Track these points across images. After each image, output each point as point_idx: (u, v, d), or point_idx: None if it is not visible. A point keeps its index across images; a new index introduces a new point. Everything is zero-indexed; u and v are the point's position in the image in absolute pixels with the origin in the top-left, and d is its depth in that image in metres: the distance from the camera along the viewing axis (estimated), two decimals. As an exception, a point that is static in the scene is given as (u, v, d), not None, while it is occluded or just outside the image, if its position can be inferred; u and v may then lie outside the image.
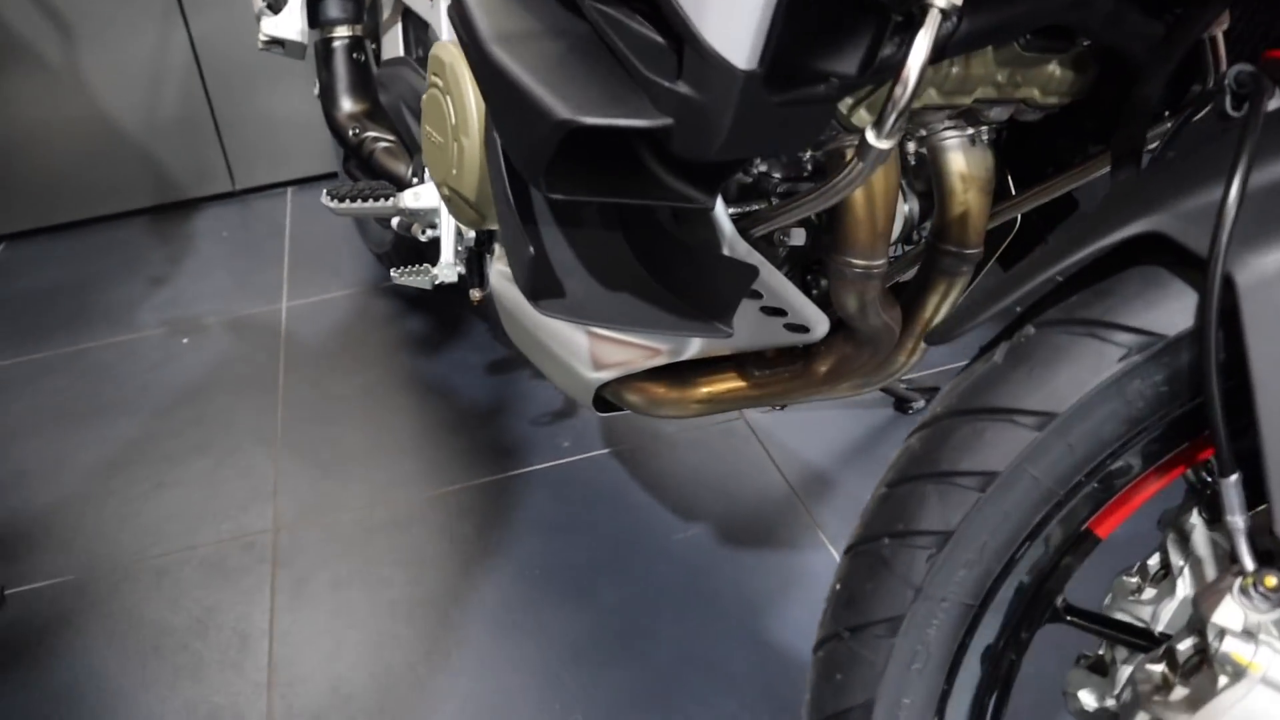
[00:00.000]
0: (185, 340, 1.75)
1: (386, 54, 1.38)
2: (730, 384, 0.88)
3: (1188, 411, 0.48)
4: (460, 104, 0.86)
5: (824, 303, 0.82)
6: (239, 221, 2.20)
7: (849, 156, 0.64)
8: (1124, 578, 0.60)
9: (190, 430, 1.52)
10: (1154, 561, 0.60)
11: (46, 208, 2.23)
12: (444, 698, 1.06)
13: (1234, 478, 0.46)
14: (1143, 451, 0.50)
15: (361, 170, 1.33)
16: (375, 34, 1.39)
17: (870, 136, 0.57)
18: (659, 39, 0.55)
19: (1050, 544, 0.53)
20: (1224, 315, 0.44)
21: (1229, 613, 0.46)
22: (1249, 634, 0.46)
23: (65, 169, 2.21)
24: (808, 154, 0.76)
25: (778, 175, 0.78)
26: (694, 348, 0.82)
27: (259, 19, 1.32)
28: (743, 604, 1.13)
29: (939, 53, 0.57)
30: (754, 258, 0.74)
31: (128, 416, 1.57)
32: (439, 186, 0.94)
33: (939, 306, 0.83)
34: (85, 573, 1.28)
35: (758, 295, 0.78)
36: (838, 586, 0.57)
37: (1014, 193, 0.86)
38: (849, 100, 0.62)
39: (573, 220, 0.74)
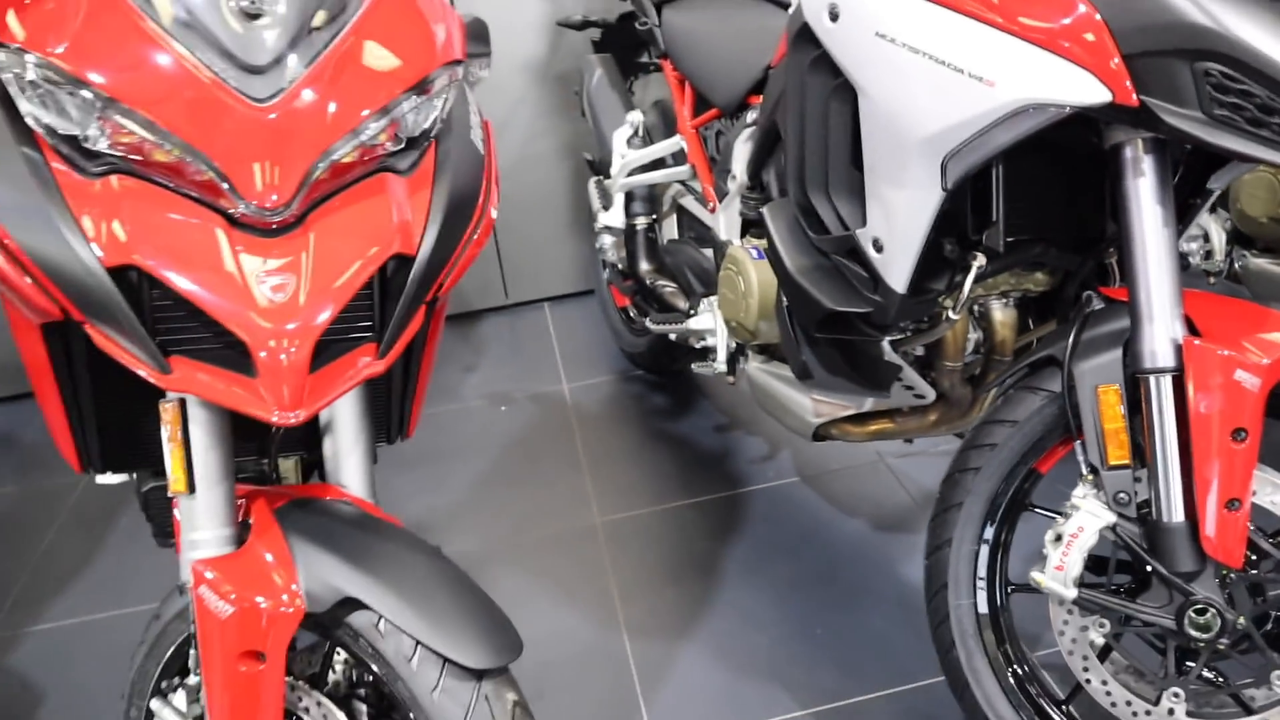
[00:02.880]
0: (503, 408, 2.66)
1: (664, 235, 2.29)
2: (885, 425, 1.71)
3: (1066, 423, 1.30)
4: (748, 282, 1.72)
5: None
6: (512, 327, 3.13)
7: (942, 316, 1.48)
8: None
9: (527, 465, 2.41)
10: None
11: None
12: (722, 618, 1.90)
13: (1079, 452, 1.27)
14: (1054, 433, 1.32)
15: (653, 303, 2.22)
16: (658, 222, 2.30)
17: (949, 314, 1.41)
18: (863, 272, 1.40)
19: (1022, 469, 1.34)
20: (1072, 389, 1.26)
21: (1080, 491, 1.27)
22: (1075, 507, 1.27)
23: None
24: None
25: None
26: (868, 404, 1.66)
27: (596, 215, 2.24)
28: (887, 573, 1.94)
29: (978, 279, 1.41)
30: (898, 361, 1.58)
31: (478, 458, 2.47)
32: (728, 320, 1.81)
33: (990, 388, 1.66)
34: (479, 548, 2.16)
35: (899, 380, 1.62)
36: (940, 493, 1.40)
37: (1031, 326, 1.68)
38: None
39: (817, 343, 1.59)
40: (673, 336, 2.16)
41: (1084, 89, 1.09)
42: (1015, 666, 1.40)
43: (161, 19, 0.96)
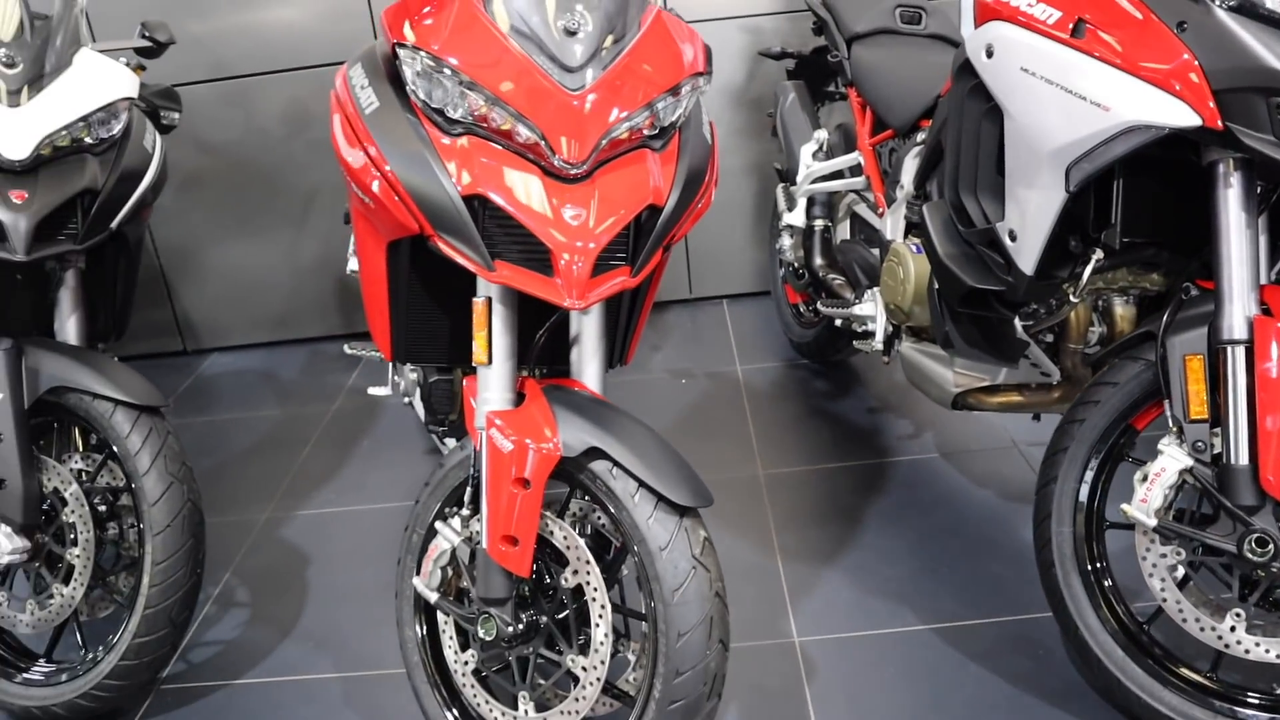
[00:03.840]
0: (684, 381, 3.06)
1: (838, 236, 2.65)
2: (1014, 397, 2.02)
3: (1159, 387, 1.59)
4: (906, 272, 2.07)
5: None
6: (693, 318, 3.53)
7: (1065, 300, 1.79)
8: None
9: (703, 425, 2.80)
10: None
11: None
12: (861, 553, 2.24)
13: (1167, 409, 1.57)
14: (1149, 396, 1.62)
15: (824, 292, 2.58)
16: (832, 225, 2.66)
17: (1070, 298, 1.73)
18: (999, 258, 1.74)
19: (1121, 424, 1.64)
20: (1164, 357, 1.57)
21: (1166, 440, 1.57)
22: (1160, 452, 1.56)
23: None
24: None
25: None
26: (1000, 377, 1.98)
27: (780, 215, 2.63)
28: (1009, 534, 2.24)
29: (1098, 271, 1.72)
30: (1025, 338, 1.89)
31: (662, 417, 2.87)
32: (887, 304, 2.16)
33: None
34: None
35: (1028, 358, 1.93)
36: (1051, 439, 1.71)
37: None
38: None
39: (959, 318, 1.93)
40: (838, 322, 2.52)
41: (1181, 115, 1.41)
42: (1104, 588, 1.69)
43: (505, 29, 1.40)
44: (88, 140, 1.95)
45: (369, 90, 1.49)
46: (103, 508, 1.95)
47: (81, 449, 2.07)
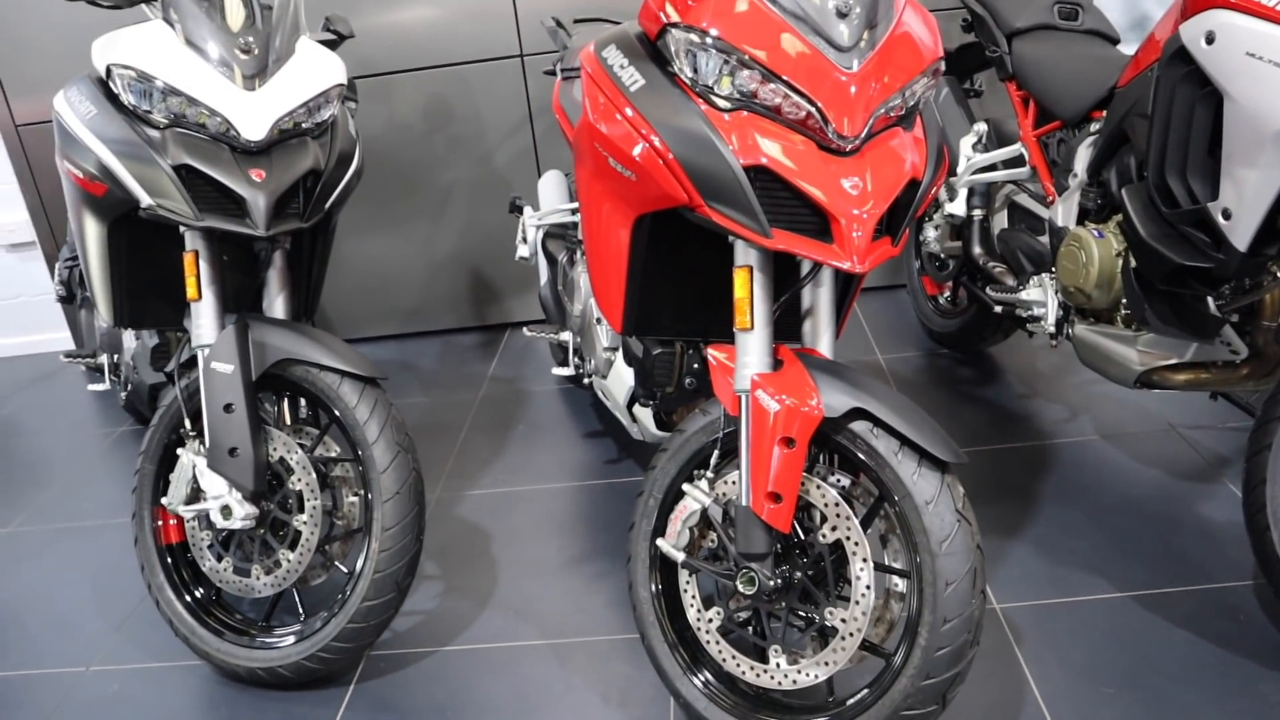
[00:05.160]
0: (825, 370, 3.14)
1: (995, 226, 2.73)
2: (1200, 374, 2.09)
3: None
4: (1089, 255, 2.14)
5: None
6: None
7: (1265, 281, 1.86)
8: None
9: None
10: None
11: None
12: (1043, 527, 2.31)
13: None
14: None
15: (981, 279, 2.66)
16: (990, 214, 2.74)
17: (1277, 275, 1.80)
18: (1205, 237, 1.81)
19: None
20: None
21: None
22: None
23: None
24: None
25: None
26: (1189, 354, 2.05)
27: (941, 205, 2.71)
28: (1188, 507, 2.30)
29: (1306, 250, 1.79)
30: (1220, 315, 1.96)
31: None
32: (1067, 286, 2.24)
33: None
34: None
35: (1219, 336, 2.00)
36: (1261, 409, 1.78)
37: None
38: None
39: (1155, 299, 2.00)
40: (997, 309, 2.60)
41: None
42: (1319, 552, 1.76)
43: (770, 6, 1.48)
44: (305, 125, 2.05)
45: (630, 70, 1.58)
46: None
47: (290, 421, 2.18)
